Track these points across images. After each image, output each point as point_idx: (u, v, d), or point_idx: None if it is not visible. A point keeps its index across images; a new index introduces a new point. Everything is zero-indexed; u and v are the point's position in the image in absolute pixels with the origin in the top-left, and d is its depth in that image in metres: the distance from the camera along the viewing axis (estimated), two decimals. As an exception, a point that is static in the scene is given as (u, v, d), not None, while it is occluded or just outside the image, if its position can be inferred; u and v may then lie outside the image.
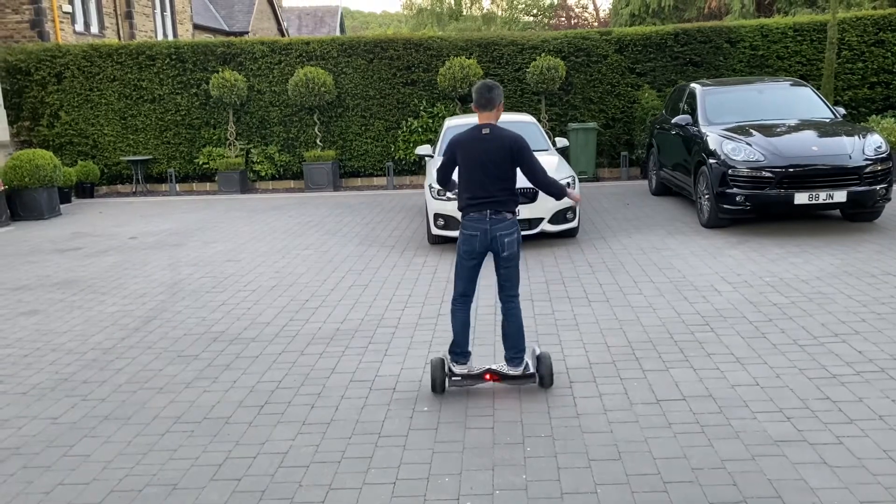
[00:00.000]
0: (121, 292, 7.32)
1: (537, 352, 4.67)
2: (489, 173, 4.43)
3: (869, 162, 8.26)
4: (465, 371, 4.59)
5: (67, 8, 18.96)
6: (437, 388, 4.56)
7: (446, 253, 8.39)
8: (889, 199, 8.56)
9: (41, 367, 5.36)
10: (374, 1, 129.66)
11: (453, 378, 4.58)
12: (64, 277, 8.03)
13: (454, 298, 4.67)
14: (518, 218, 4.66)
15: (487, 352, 5.23)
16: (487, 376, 4.57)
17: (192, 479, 3.72)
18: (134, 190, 14.85)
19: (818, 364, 4.80)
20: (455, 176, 4.68)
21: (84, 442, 4.17)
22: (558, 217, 8.49)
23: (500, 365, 4.62)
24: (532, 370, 4.59)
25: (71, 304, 7.00)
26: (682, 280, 6.88)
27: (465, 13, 35.68)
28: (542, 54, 13.98)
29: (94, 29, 20.60)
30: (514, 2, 36.47)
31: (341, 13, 43.34)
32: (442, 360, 4.60)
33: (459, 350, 4.62)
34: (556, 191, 4.68)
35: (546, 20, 35.35)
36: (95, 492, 3.62)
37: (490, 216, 4.44)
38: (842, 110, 9.92)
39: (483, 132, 4.47)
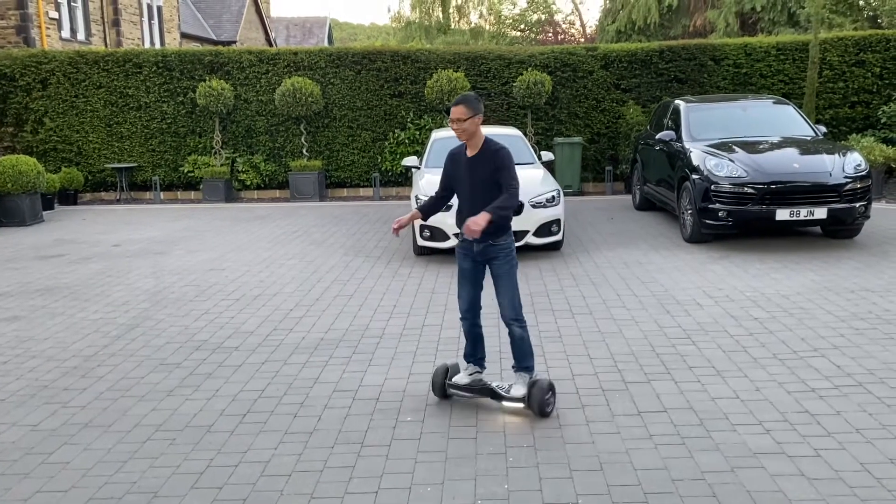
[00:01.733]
0: (103, 300, 7.28)
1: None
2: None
3: (849, 180, 8.38)
4: (463, 382, 4.60)
5: (54, 14, 18.91)
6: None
7: (432, 264, 8.41)
8: (868, 217, 8.68)
9: (21, 374, 5.31)
10: (363, 13, 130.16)
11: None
12: (46, 284, 7.97)
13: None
14: None
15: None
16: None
17: (173, 487, 3.70)
18: (118, 197, 14.77)
19: (797, 378, 4.86)
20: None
21: (63, 449, 4.13)
22: (543, 230, 8.54)
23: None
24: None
25: (52, 310, 6.95)
26: (664, 294, 6.94)
27: (453, 27, 35.86)
28: (529, 69, 14.10)
29: (81, 36, 20.55)
30: (502, 17, 36.73)
31: (329, 24, 43.49)
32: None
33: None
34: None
35: (533, 35, 35.60)
36: (74, 499, 3.59)
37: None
38: (823, 129, 10.06)
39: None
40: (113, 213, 13.34)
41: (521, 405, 4.43)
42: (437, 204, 4.73)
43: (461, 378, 4.61)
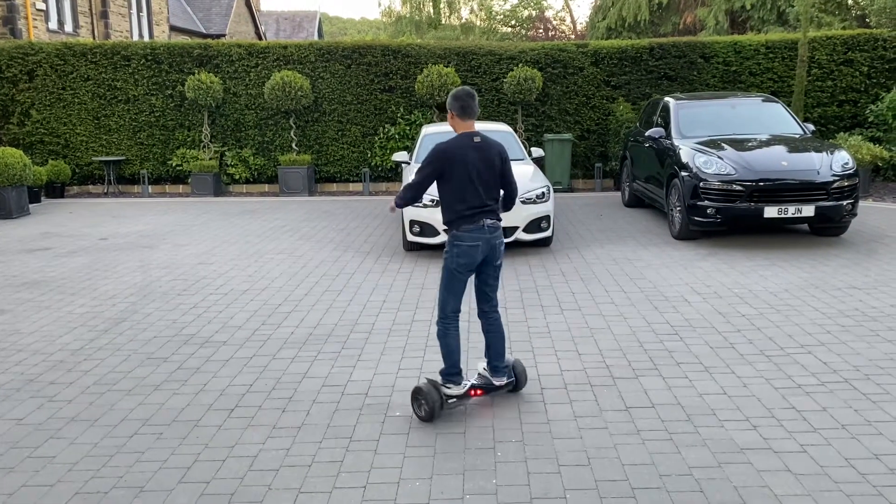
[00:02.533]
0: (90, 293, 7.23)
1: (511, 360, 4.64)
2: (485, 182, 4.35)
3: (836, 178, 8.43)
4: (460, 391, 4.40)
5: (41, 5, 18.75)
6: (437, 414, 4.29)
7: (421, 259, 8.40)
8: (855, 215, 8.74)
9: (7, 368, 5.27)
10: (353, 7, 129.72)
11: (450, 401, 4.36)
12: (32, 278, 7.91)
13: (446, 317, 4.41)
14: None
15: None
16: (472, 392, 4.46)
17: (160, 481, 3.68)
18: (105, 191, 14.67)
19: (784, 374, 4.89)
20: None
21: (49, 443, 4.11)
22: (533, 226, 8.55)
23: (478, 378, 4.54)
24: (511, 378, 4.58)
25: (39, 304, 6.90)
26: (652, 290, 6.97)
27: (443, 22, 35.79)
28: (520, 65, 14.10)
29: (69, 27, 20.38)
30: (493, 12, 36.69)
31: (319, 18, 43.31)
32: (434, 385, 4.33)
33: (457, 370, 4.42)
34: (513, 206, 4.72)
35: (524, 31, 35.60)
36: (60, 494, 3.57)
37: (487, 225, 4.35)
38: (811, 127, 10.11)
39: (475, 140, 4.37)
40: (100, 206, 13.25)
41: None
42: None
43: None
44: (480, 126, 9.65)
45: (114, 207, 13.04)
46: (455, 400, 4.39)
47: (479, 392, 4.49)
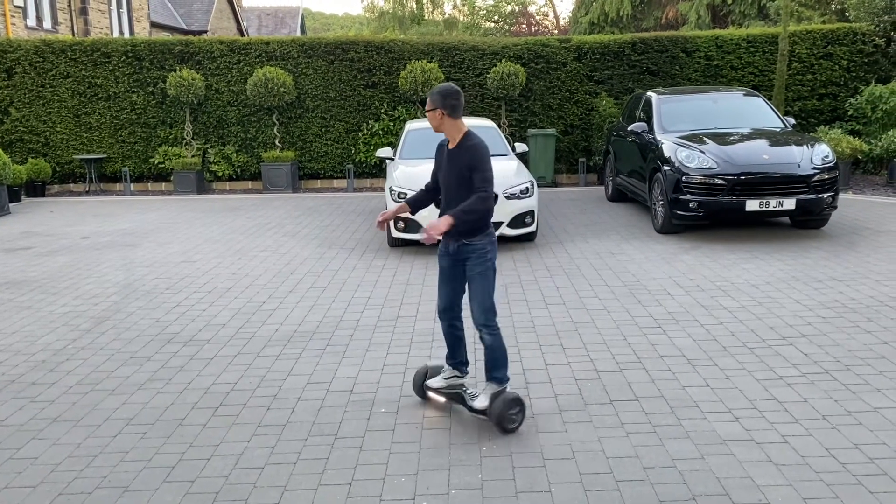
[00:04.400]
0: (72, 293, 7.17)
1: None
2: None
3: (817, 171, 8.51)
4: (435, 387, 4.49)
5: (19, 2, 18.53)
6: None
7: (406, 256, 8.40)
8: (835, 208, 8.83)
9: (-12, 369, 5.22)
10: (336, 3, 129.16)
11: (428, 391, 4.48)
12: (13, 277, 7.83)
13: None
14: None
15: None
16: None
17: (145, 481, 3.67)
18: (87, 189, 14.53)
19: (766, 366, 4.94)
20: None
21: (32, 444, 4.08)
22: (517, 221, 8.57)
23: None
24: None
25: (20, 304, 6.83)
26: (636, 284, 7.01)
27: (427, 17, 35.74)
28: (503, 60, 14.10)
29: (47, 24, 20.16)
30: (476, 8, 36.68)
31: (302, 14, 43.07)
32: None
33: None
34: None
35: (507, 27, 35.61)
36: (43, 495, 3.55)
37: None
38: (792, 120, 10.20)
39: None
40: (82, 205, 13.13)
41: (483, 417, 4.20)
42: (426, 196, 4.46)
43: (436, 381, 4.46)
44: (467, 121, 9.65)
45: (95, 206, 12.92)
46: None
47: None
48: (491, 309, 4.16)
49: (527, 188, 8.66)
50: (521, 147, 10.27)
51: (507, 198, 8.37)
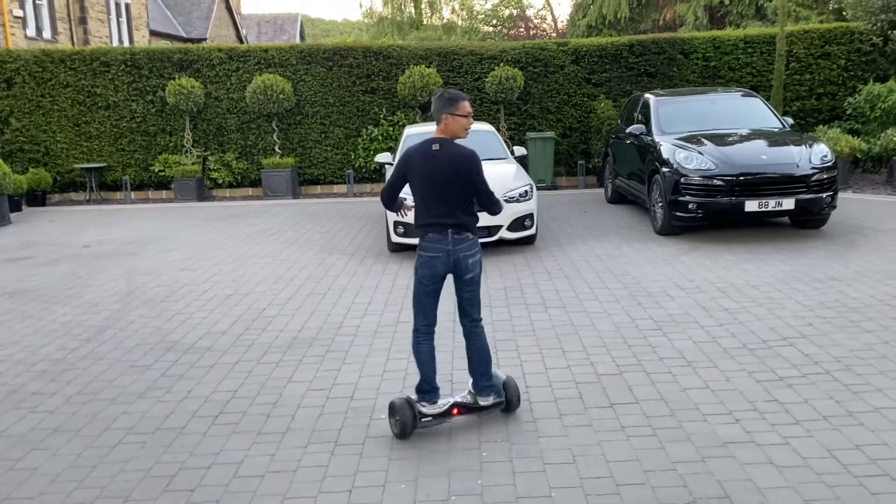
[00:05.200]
0: (73, 302, 7.18)
1: (502, 378, 4.36)
2: (442, 192, 4.14)
3: (815, 171, 8.51)
4: (436, 410, 4.17)
5: (18, 12, 18.58)
6: (409, 432, 4.09)
7: (406, 261, 8.40)
8: (835, 207, 8.82)
9: (-12, 380, 5.22)
10: (335, 9, 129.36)
11: (423, 420, 4.13)
12: (14, 287, 7.84)
13: (416, 330, 4.21)
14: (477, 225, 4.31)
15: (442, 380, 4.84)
16: (455, 411, 4.22)
17: (145, 490, 3.66)
18: (88, 198, 14.55)
19: (767, 367, 4.93)
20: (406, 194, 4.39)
21: (32, 455, 4.08)
22: (517, 224, 8.57)
23: (466, 395, 4.31)
24: (501, 398, 4.31)
25: (21, 313, 6.84)
26: (636, 286, 7.00)
27: (425, 22, 35.75)
28: (501, 64, 14.11)
29: (47, 34, 20.21)
30: (474, 12, 36.70)
31: (301, 21, 43.17)
32: (408, 402, 4.12)
33: (429, 387, 4.20)
34: (499, 210, 4.43)
35: (505, 31, 35.63)
36: (44, 505, 3.55)
37: (452, 236, 4.13)
38: (790, 120, 10.19)
39: (433, 148, 4.19)
40: (83, 213, 13.15)
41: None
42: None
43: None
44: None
45: (96, 215, 12.94)
46: (430, 419, 4.16)
47: (462, 411, 4.25)
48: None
49: (526, 191, 8.66)
50: (519, 150, 10.28)
51: (507, 201, 8.37)
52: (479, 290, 4.31)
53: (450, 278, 4.24)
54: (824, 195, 8.53)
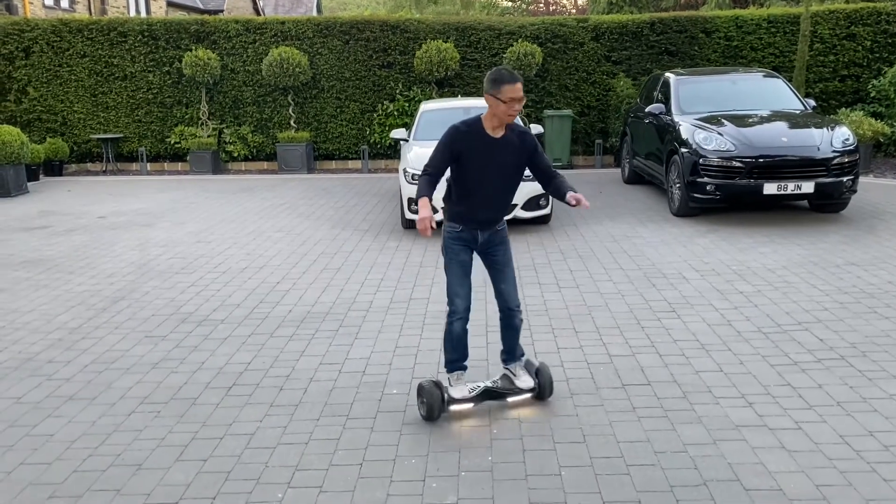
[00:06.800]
0: (89, 272, 7.23)
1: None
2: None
3: (836, 154, 8.38)
4: (464, 395, 4.08)
5: (36, -19, 18.54)
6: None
7: (419, 237, 8.39)
8: (855, 191, 8.70)
9: (5, 346, 5.28)
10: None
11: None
12: (30, 256, 7.90)
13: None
14: None
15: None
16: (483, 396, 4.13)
17: (158, 459, 3.70)
18: (104, 168, 14.62)
19: (781, 351, 4.89)
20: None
21: (48, 422, 4.13)
22: (531, 203, 8.52)
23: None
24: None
25: (37, 282, 6.90)
26: (651, 268, 6.96)
27: (443, -4, 35.39)
28: (520, 40, 13.97)
29: (65, 3, 20.20)
30: (494, -14, 36.24)
31: (318, -6, 42.79)
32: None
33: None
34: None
35: (525, 6, 35.20)
36: (58, 472, 3.60)
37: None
38: (812, 102, 10.04)
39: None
40: (99, 184, 13.21)
41: (530, 395, 4.20)
42: (434, 183, 4.10)
43: (461, 391, 4.10)
44: (480, 102, 9.59)
45: (112, 185, 13.00)
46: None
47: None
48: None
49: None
50: (536, 128, 10.19)
51: (522, 180, 8.29)
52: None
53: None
54: (845, 179, 8.42)
